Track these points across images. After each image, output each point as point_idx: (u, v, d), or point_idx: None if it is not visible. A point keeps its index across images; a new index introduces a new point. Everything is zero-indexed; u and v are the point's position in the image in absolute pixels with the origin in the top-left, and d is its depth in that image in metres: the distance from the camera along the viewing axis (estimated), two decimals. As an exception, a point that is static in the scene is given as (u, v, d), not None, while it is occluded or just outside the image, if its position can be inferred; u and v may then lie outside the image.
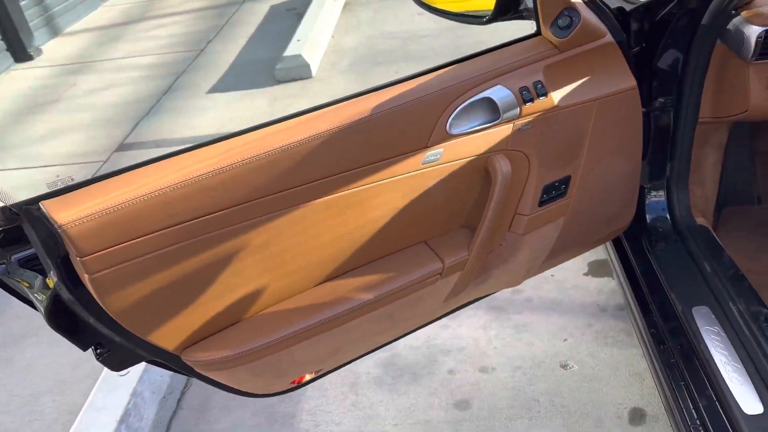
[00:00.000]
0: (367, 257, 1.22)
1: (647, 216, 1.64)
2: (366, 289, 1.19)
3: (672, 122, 1.56)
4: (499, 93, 1.16)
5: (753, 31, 1.33)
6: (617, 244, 1.68)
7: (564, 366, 1.86)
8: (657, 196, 1.65)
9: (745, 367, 1.21)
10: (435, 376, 1.89)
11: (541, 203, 1.32)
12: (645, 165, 1.52)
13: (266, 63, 4.56)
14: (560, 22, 1.21)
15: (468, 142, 1.17)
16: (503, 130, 1.19)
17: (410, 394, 1.85)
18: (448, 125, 1.14)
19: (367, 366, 1.95)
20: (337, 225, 1.13)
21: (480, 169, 1.21)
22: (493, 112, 1.17)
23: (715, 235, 1.57)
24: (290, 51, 4.38)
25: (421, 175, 1.15)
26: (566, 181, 1.33)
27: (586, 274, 2.18)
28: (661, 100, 1.54)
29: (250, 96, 4.16)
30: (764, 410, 1.13)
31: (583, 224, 1.44)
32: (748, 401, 1.16)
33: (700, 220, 1.62)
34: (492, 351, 1.94)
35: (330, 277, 1.20)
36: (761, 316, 1.29)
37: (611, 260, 1.73)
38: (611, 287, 2.11)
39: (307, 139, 1.03)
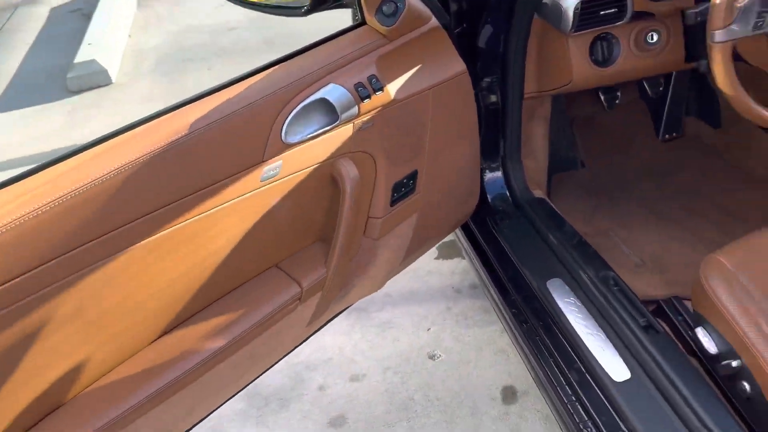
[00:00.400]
0: (213, 296, 1.05)
1: (488, 195, 1.65)
2: (217, 334, 1.02)
3: (500, 101, 1.56)
4: (333, 93, 1.05)
5: (570, 4, 1.36)
6: (463, 224, 1.67)
7: (432, 356, 1.83)
8: (495, 175, 1.66)
9: (606, 335, 1.24)
10: (304, 397, 1.76)
11: (393, 202, 1.24)
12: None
13: (55, 72, 4.01)
14: (385, 8, 1.12)
15: (308, 150, 1.04)
16: (344, 132, 1.08)
17: (281, 423, 1.70)
18: (283, 134, 1.00)
19: (227, 402, 1.76)
20: (170, 267, 0.95)
21: (325, 176, 1.09)
22: (330, 113, 1.05)
23: (553, 206, 1.61)
24: (82, 56, 3.89)
25: (261, 194, 1.01)
26: (413, 176, 1.27)
27: (437, 258, 2.18)
28: (487, 80, 1.54)
29: (41, 112, 3.63)
30: (632, 375, 1.16)
31: (435, 215, 1.40)
32: (615, 368, 1.18)
33: (537, 192, 1.66)
34: (360, 356, 1.86)
35: (171, 328, 1.01)
36: (610, 280, 1.33)
37: (460, 241, 1.72)
38: (463, 267, 2.13)
39: (114, 173, 0.84)
